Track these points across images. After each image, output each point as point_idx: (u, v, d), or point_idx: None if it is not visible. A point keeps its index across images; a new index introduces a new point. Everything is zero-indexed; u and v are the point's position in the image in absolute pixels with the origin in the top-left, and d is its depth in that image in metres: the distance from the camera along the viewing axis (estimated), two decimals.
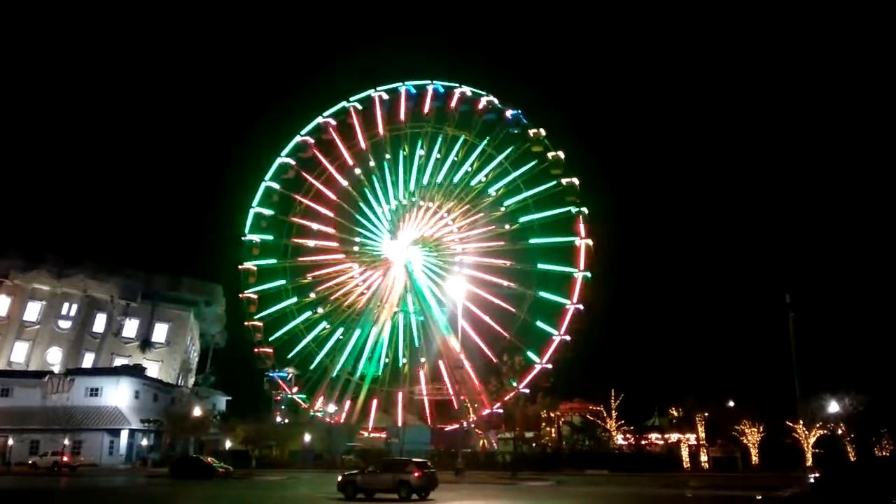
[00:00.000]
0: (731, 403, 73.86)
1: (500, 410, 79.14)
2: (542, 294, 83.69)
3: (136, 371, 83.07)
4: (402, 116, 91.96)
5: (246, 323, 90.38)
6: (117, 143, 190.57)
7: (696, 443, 71.58)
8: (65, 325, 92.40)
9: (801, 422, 67.84)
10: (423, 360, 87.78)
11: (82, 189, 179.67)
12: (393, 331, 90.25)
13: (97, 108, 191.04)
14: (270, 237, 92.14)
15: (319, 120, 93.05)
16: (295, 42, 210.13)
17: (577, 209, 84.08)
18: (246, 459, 66.21)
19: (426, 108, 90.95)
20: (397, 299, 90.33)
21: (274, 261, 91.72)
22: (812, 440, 67.65)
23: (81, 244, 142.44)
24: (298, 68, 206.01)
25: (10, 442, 69.37)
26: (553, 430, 79.74)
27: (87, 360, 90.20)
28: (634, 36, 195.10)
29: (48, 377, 78.30)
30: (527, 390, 79.12)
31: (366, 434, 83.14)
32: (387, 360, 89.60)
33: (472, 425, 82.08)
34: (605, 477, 59.56)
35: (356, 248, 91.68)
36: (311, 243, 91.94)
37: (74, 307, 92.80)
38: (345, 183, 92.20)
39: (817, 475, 35.51)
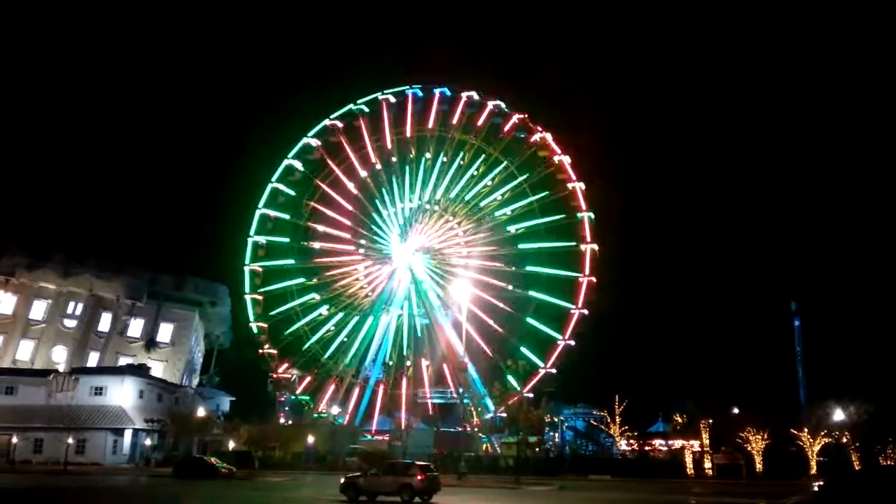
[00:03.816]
0: (736, 410, 73.63)
1: (504, 414, 79.13)
2: (547, 298, 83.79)
3: (140, 371, 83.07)
4: (409, 120, 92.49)
5: (251, 324, 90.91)
6: (124, 142, 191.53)
7: (700, 449, 71.33)
8: (70, 323, 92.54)
9: (806, 430, 67.62)
10: (426, 363, 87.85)
11: (88, 188, 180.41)
12: (397, 333, 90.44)
13: (105, 107, 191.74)
14: (286, 215, 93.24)
15: (326, 122, 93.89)
16: (300, 43, 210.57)
17: (583, 214, 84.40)
18: (249, 460, 66.13)
19: (432, 112, 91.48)
20: (402, 302, 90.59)
21: (280, 262, 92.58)
22: (817, 448, 67.32)
23: (87, 243, 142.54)
24: (306, 70, 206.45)
25: (15, 440, 69.48)
26: (556, 434, 79.56)
27: (92, 360, 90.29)
28: (641, 39, 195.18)
29: (53, 376, 78.37)
30: (530, 394, 79.13)
31: (369, 436, 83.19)
32: (391, 363, 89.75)
33: (476, 429, 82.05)
34: (608, 482, 59.39)
35: (363, 242, 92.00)
36: (319, 228, 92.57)
37: (80, 306, 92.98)
38: (350, 185, 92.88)
39: (821, 483, 35.35)
